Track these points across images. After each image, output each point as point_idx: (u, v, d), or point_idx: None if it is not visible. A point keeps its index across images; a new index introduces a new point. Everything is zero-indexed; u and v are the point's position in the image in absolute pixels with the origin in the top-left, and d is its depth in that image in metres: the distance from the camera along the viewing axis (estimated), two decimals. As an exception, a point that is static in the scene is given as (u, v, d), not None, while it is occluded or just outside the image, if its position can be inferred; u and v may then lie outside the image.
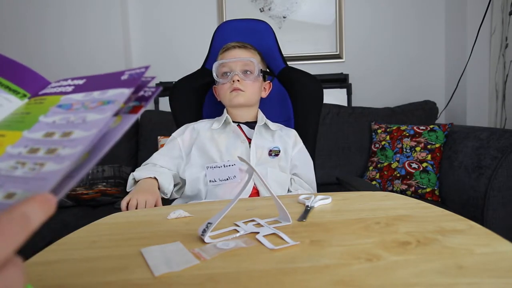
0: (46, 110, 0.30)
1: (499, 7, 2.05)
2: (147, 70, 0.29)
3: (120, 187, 1.95)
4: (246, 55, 1.13)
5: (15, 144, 0.27)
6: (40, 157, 0.25)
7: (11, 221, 0.21)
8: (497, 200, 1.49)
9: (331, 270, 0.43)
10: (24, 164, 0.25)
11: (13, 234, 0.21)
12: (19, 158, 0.25)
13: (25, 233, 0.21)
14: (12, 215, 0.21)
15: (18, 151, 0.26)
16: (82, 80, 0.33)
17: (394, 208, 0.64)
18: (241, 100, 1.11)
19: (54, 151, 0.25)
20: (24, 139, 0.27)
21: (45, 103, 0.31)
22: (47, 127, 0.28)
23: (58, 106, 0.30)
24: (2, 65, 0.33)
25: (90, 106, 0.29)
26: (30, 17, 2.41)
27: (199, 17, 2.51)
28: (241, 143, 1.09)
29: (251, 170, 0.59)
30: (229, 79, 1.11)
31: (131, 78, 0.29)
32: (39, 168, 0.24)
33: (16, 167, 0.25)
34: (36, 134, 0.28)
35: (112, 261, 0.49)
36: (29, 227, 0.21)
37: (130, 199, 0.87)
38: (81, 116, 0.28)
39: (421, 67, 2.49)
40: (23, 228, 0.21)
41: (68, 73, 2.43)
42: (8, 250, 0.20)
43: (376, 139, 2.07)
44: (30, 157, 0.25)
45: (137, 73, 0.30)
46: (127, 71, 0.30)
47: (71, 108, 0.30)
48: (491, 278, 0.39)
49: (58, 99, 0.31)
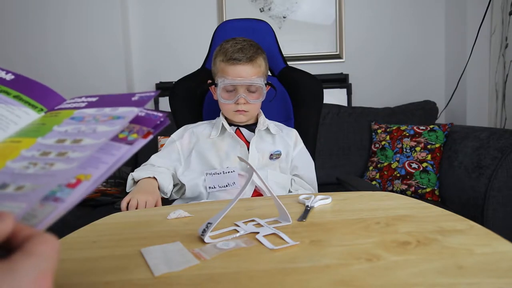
0: (60, 121, 0.33)
1: (499, 7, 2.05)
2: (156, 94, 0.33)
3: (120, 187, 1.95)
4: (252, 72, 1.05)
5: (29, 149, 0.29)
6: (51, 158, 0.28)
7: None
8: (497, 200, 1.49)
9: (331, 270, 0.43)
10: (36, 164, 0.27)
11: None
12: (32, 160, 0.28)
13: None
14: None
15: (31, 154, 0.29)
16: (95, 98, 0.37)
17: (394, 208, 0.64)
18: (244, 119, 1.10)
19: (64, 154, 0.28)
20: (38, 144, 0.30)
21: (60, 116, 0.34)
22: (60, 135, 0.31)
23: (71, 118, 0.33)
24: (23, 83, 0.36)
25: (101, 120, 0.32)
26: (32, 17, 2.41)
27: (199, 17, 2.51)
28: (240, 147, 1.08)
29: (251, 171, 0.59)
30: (233, 100, 1.06)
31: (141, 99, 0.33)
32: (49, 167, 0.27)
33: (28, 167, 0.27)
34: (49, 141, 0.30)
35: (112, 261, 0.49)
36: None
37: (130, 199, 0.87)
38: (92, 127, 0.31)
39: (421, 67, 2.49)
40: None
41: (69, 72, 2.44)
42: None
43: (376, 139, 2.07)
44: (41, 159, 0.28)
45: (146, 95, 0.33)
46: (138, 93, 0.34)
47: (83, 120, 0.33)
48: (491, 278, 0.39)
49: (71, 112, 0.35)
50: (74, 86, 2.41)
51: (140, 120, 0.33)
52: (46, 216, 0.24)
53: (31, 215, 0.25)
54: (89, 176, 0.27)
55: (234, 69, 1.04)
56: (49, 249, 0.23)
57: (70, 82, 2.42)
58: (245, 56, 1.04)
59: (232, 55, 1.04)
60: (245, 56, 1.04)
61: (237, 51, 1.04)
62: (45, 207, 0.25)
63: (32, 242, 0.23)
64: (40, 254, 0.23)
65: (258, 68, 1.07)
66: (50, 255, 0.23)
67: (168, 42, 2.53)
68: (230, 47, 1.06)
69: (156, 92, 0.34)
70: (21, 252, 0.22)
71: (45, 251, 0.23)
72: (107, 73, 2.42)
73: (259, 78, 1.06)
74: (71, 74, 2.43)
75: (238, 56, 1.04)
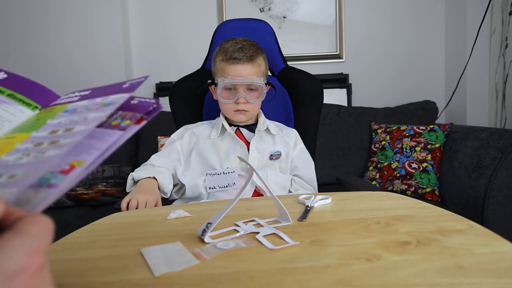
0: (54, 115, 0.34)
1: (499, 7, 2.05)
2: (146, 79, 0.34)
3: (120, 187, 1.95)
4: (253, 72, 1.05)
5: (23, 142, 0.30)
6: (43, 148, 0.28)
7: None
8: (497, 200, 1.49)
9: (331, 270, 0.43)
10: (29, 155, 0.28)
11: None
12: (25, 151, 0.28)
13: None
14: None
15: (25, 147, 0.29)
16: (88, 91, 0.37)
17: (394, 208, 0.64)
18: (244, 119, 1.09)
19: (56, 142, 0.28)
20: (32, 138, 0.30)
21: (54, 110, 0.35)
22: (53, 127, 0.31)
23: (65, 111, 0.34)
24: (16, 82, 0.37)
25: (92, 108, 0.32)
26: (32, 17, 2.40)
27: (199, 17, 2.51)
28: (240, 148, 1.08)
29: (251, 171, 0.59)
30: (233, 100, 1.06)
31: (131, 85, 0.33)
32: (41, 155, 0.27)
33: (22, 158, 0.27)
34: (42, 133, 0.31)
35: (112, 261, 0.49)
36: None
37: (130, 199, 0.87)
38: (84, 116, 0.31)
39: (421, 67, 2.49)
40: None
41: (69, 72, 2.44)
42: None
43: (376, 139, 2.07)
44: (34, 149, 0.28)
45: (137, 81, 0.34)
46: (129, 80, 0.35)
47: (75, 111, 0.33)
48: (491, 278, 0.39)
49: (65, 106, 0.35)
50: (74, 86, 2.38)
51: (133, 107, 0.33)
52: (40, 202, 0.25)
53: (25, 201, 0.25)
54: (82, 162, 0.27)
55: (234, 68, 1.04)
56: (41, 228, 0.23)
57: (70, 82, 2.42)
58: (245, 55, 1.04)
59: (232, 54, 1.04)
60: (245, 56, 1.04)
61: (237, 50, 1.04)
62: (39, 193, 0.25)
63: (24, 221, 0.23)
64: (31, 232, 0.23)
65: (258, 68, 1.07)
66: (41, 234, 0.23)
67: (168, 42, 2.53)
68: (230, 47, 1.06)
69: (146, 77, 0.34)
70: (12, 231, 0.22)
71: (37, 230, 0.23)
72: (107, 73, 2.42)
73: (259, 78, 1.06)
74: (71, 74, 2.43)
75: (238, 56, 1.04)
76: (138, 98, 0.34)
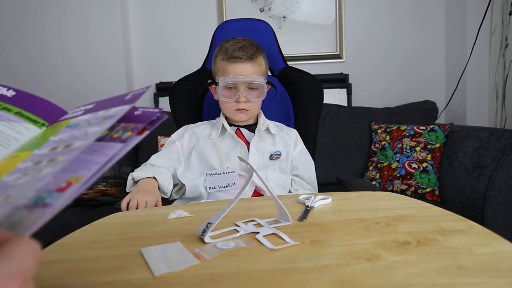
0: (56, 131, 0.33)
1: (499, 7, 2.05)
2: (148, 89, 0.33)
3: (120, 187, 1.95)
4: (253, 70, 1.05)
5: (25, 161, 0.29)
6: (41, 166, 0.28)
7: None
8: (497, 200, 1.49)
9: (331, 270, 0.43)
10: (27, 174, 0.27)
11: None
12: (25, 171, 0.28)
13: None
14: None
15: (25, 166, 0.28)
16: (92, 104, 0.37)
17: (394, 208, 0.64)
18: (245, 118, 1.10)
19: (53, 160, 0.28)
20: (33, 156, 0.30)
21: (58, 126, 0.35)
22: (54, 144, 0.31)
23: (67, 127, 0.33)
24: (24, 99, 0.36)
25: (94, 122, 0.32)
26: (32, 17, 2.41)
27: (199, 17, 2.51)
28: (241, 148, 1.08)
29: (251, 171, 0.59)
30: (234, 99, 1.06)
31: (133, 97, 0.33)
32: (37, 174, 0.26)
33: (20, 178, 0.27)
34: (43, 150, 0.30)
35: (112, 261, 0.49)
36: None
37: (130, 199, 0.87)
38: (84, 131, 0.31)
39: (421, 67, 2.49)
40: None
41: (69, 72, 2.44)
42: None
43: (376, 139, 2.07)
44: (33, 168, 0.28)
45: (139, 92, 0.33)
46: (131, 92, 0.34)
47: (77, 126, 0.33)
48: (491, 278, 0.39)
49: (68, 121, 0.35)
50: (74, 86, 2.41)
51: (137, 118, 0.33)
52: (33, 223, 0.24)
53: (18, 223, 0.24)
54: (80, 178, 0.26)
55: (235, 67, 1.05)
56: (25, 251, 0.23)
57: (70, 82, 2.42)
58: (245, 54, 1.05)
59: (232, 53, 1.04)
60: (246, 55, 1.05)
61: (238, 49, 1.05)
62: (33, 214, 0.24)
63: (8, 244, 0.23)
64: (13, 256, 0.22)
65: (258, 67, 1.07)
66: (24, 258, 0.23)
67: (168, 42, 2.53)
68: (231, 46, 1.06)
69: (148, 86, 0.34)
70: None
71: (20, 253, 0.22)
72: (107, 73, 2.42)
73: (259, 77, 1.06)
74: (71, 74, 2.43)
75: (239, 55, 1.04)
76: (142, 109, 0.34)
